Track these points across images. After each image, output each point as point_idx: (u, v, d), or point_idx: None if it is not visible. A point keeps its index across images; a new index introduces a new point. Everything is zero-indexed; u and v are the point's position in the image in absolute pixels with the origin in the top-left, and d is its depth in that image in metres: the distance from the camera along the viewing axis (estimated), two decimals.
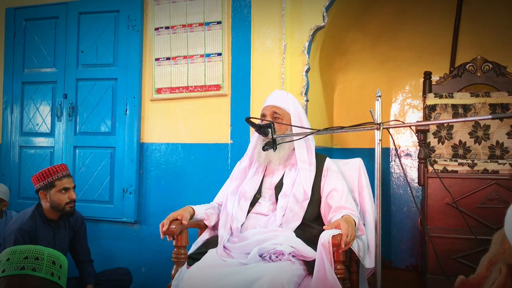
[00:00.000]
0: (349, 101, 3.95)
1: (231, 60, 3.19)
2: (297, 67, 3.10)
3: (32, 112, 3.72)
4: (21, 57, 3.75)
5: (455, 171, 2.88)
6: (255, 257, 2.07)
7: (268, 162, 2.39)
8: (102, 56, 3.50)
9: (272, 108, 2.38)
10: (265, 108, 2.41)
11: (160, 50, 3.36)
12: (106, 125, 3.48)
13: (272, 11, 3.11)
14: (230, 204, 2.39)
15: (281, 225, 2.23)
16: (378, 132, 2.06)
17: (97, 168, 3.48)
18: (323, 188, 2.36)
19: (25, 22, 3.75)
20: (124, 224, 3.45)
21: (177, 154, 3.37)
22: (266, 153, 2.34)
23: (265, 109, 2.41)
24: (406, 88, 3.88)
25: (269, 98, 2.44)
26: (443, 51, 3.70)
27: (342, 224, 2.00)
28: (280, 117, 2.36)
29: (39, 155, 3.68)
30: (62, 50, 3.61)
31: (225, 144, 3.23)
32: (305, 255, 2.07)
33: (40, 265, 1.29)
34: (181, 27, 3.31)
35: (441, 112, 3.24)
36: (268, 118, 2.36)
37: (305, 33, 3.09)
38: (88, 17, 3.54)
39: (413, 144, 3.83)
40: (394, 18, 3.83)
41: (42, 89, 3.68)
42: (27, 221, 2.74)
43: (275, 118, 2.35)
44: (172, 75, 3.33)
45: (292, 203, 2.27)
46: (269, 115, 2.37)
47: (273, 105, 2.39)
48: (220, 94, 3.23)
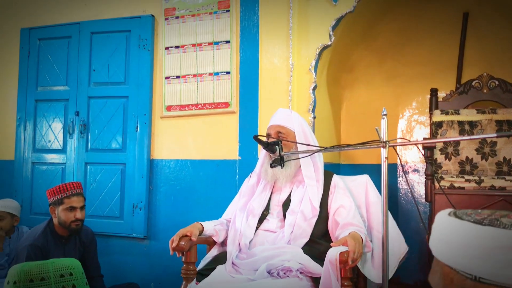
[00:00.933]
0: (356, 117, 3.98)
1: (239, 78, 3.25)
2: (304, 84, 3.15)
3: (44, 129, 3.80)
4: (35, 75, 3.85)
5: (462, 187, 2.90)
6: (263, 273, 2.09)
7: (275, 180, 2.42)
8: (114, 75, 3.58)
9: (277, 127, 2.42)
10: (270, 127, 2.46)
11: (170, 69, 3.44)
12: (117, 141, 3.54)
13: (279, 30, 3.18)
14: (238, 220, 2.42)
15: (289, 242, 2.26)
16: (384, 150, 2.09)
17: (108, 184, 3.54)
18: (331, 204, 2.38)
19: (39, 42, 3.85)
20: (134, 240, 3.49)
21: (186, 170, 3.41)
22: (272, 170, 2.37)
23: (270, 129, 2.45)
24: (413, 104, 3.90)
25: (274, 117, 2.48)
26: (449, 68, 3.73)
27: (349, 241, 2.02)
28: (285, 136, 2.39)
29: (51, 171, 3.75)
30: (75, 68, 3.70)
31: (234, 160, 3.27)
32: (312, 271, 2.09)
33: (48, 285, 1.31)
34: (191, 46, 3.39)
35: (448, 129, 3.27)
36: (273, 137, 2.40)
37: (312, 51, 3.15)
38: (100, 37, 3.63)
39: (420, 160, 3.84)
40: (399, 35, 3.88)
41: (55, 106, 3.76)
42: (39, 237, 2.78)
43: (280, 138, 2.39)
44: (182, 93, 3.40)
45: (300, 220, 2.29)
46: (274, 135, 2.41)
47: (277, 124, 2.43)
48: (228, 111, 3.28)
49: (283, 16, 3.16)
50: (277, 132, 2.41)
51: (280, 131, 2.40)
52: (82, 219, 2.84)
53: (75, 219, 2.80)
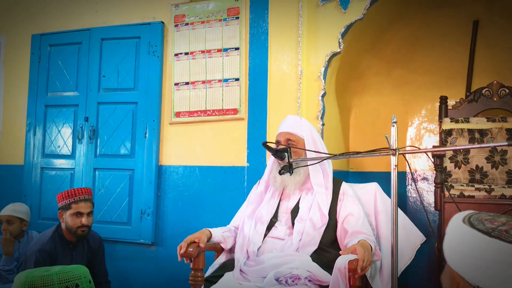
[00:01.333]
0: (365, 125, 3.97)
1: (248, 85, 3.25)
2: (313, 91, 3.15)
3: (54, 134, 3.82)
4: (45, 81, 3.88)
5: (472, 196, 2.87)
6: (271, 281, 2.08)
7: (284, 187, 2.42)
8: (123, 81, 3.60)
9: (286, 135, 2.41)
10: (279, 134, 2.45)
11: (180, 75, 3.45)
12: (126, 147, 3.55)
13: (289, 37, 3.18)
14: (246, 227, 2.41)
15: (298, 250, 2.25)
16: (394, 158, 2.08)
17: (116, 190, 3.55)
18: (339, 212, 2.37)
19: (49, 48, 3.89)
20: (141, 246, 3.49)
21: (194, 177, 3.42)
22: (281, 177, 2.37)
23: (280, 136, 2.44)
24: (422, 112, 3.88)
25: (283, 124, 2.48)
26: (459, 76, 3.71)
27: (358, 249, 2.01)
28: (295, 144, 2.39)
29: (60, 176, 3.77)
30: (85, 74, 3.72)
31: (242, 167, 3.27)
32: (321, 279, 2.08)
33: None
34: (200, 53, 3.40)
35: (457, 137, 3.24)
36: (282, 144, 2.39)
37: (321, 58, 3.15)
38: (110, 43, 3.65)
39: (429, 168, 3.82)
40: (409, 43, 3.87)
41: (64, 112, 3.78)
42: (47, 242, 2.79)
43: (289, 145, 2.39)
44: (191, 99, 3.41)
45: (309, 228, 2.28)
46: (284, 142, 2.40)
47: (287, 131, 2.42)
48: (237, 118, 3.29)
49: (293, 23, 3.17)
50: (286, 140, 2.40)
51: (290, 139, 2.40)
52: (88, 225, 2.84)
53: (81, 224, 2.80)
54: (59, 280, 1.34)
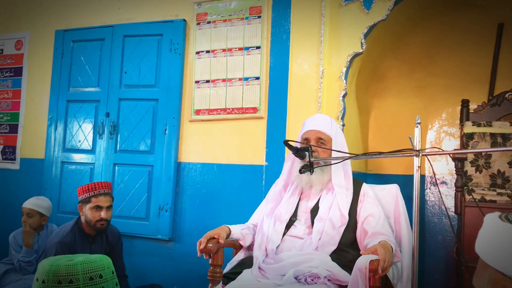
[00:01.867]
0: (384, 127, 3.94)
1: (268, 84, 3.25)
2: (334, 92, 3.14)
3: (75, 129, 3.86)
4: (67, 76, 3.93)
5: (494, 200, 2.84)
6: (290, 279, 2.08)
7: (309, 186, 2.40)
8: (145, 78, 3.62)
9: (318, 133, 2.40)
10: (309, 132, 2.42)
11: (200, 73, 3.47)
12: (146, 144, 3.58)
13: (310, 37, 3.18)
14: (265, 226, 2.41)
15: (317, 249, 2.23)
16: (417, 159, 2.07)
17: (135, 186, 3.58)
18: (360, 213, 2.36)
19: (72, 44, 3.94)
20: (158, 242, 3.51)
21: (213, 174, 3.43)
22: (308, 176, 2.35)
23: (309, 133, 2.42)
24: (443, 115, 3.85)
25: (312, 122, 2.46)
26: (481, 79, 3.67)
27: (379, 250, 2.00)
28: (325, 143, 2.38)
29: (80, 171, 3.81)
30: (106, 70, 3.76)
31: (260, 166, 3.27)
32: (340, 279, 2.07)
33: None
34: (221, 51, 3.41)
35: (479, 141, 3.21)
36: (312, 142, 2.38)
37: (343, 59, 3.14)
38: (133, 40, 3.68)
39: (448, 172, 3.77)
40: (431, 45, 3.84)
41: (86, 107, 3.83)
42: (67, 235, 2.82)
43: (319, 144, 2.38)
44: (211, 97, 3.42)
45: (328, 228, 2.27)
46: (314, 140, 2.38)
47: (318, 130, 2.40)
48: (256, 116, 3.29)
49: (315, 23, 3.17)
50: (317, 138, 2.39)
51: (321, 137, 2.39)
52: (107, 219, 2.87)
53: (99, 218, 2.83)
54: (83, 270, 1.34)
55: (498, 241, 0.80)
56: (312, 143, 2.37)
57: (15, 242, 3.31)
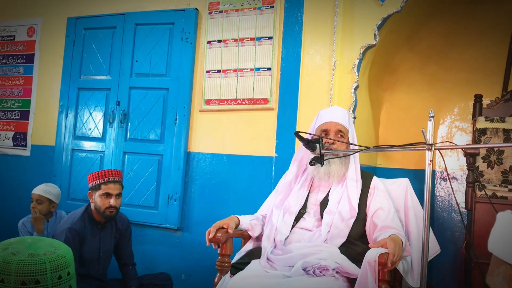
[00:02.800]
0: (396, 121, 3.91)
1: (280, 75, 3.24)
2: (346, 84, 3.12)
3: (85, 117, 3.87)
4: (79, 64, 3.93)
5: (505, 197, 2.81)
6: (299, 270, 2.07)
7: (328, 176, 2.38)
8: (155, 66, 3.62)
9: (338, 125, 2.39)
10: (328, 123, 2.40)
11: (211, 63, 3.45)
12: (156, 133, 3.58)
13: (323, 28, 3.15)
14: (274, 217, 2.41)
15: (326, 241, 2.23)
16: (430, 153, 2.04)
17: (145, 174, 3.59)
18: (369, 206, 2.34)
19: (84, 31, 3.93)
20: (167, 230, 3.53)
21: (222, 165, 3.42)
22: (326, 167, 2.33)
23: (329, 125, 2.40)
24: (455, 110, 3.81)
25: (331, 114, 2.44)
26: (495, 74, 3.62)
27: (389, 244, 1.99)
28: (344, 136, 2.39)
29: (90, 158, 3.82)
30: (118, 59, 3.76)
31: (270, 157, 3.26)
32: (349, 272, 2.06)
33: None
34: (233, 41, 3.40)
35: (492, 136, 3.18)
36: (331, 134, 2.37)
37: (356, 50, 3.11)
38: (144, 28, 3.67)
39: (459, 168, 3.74)
40: (445, 39, 3.79)
41: (97, 95, 3.83)
42: (77, 221, 2.83)
43: (339, 136, 2.37)
44: (222, 87, 3.41)
45: (338, 220, 2.26)
46: (334, 132, 2.37)
47: (338, 122, 2.40)
48: (267, 107, 3.27)
49: (328, 14, 3.13)
50: (337, 130, 2.38)
51: (341, 130, 2.38)
52: (116, 206, 2.88)
53: (109, 205, 2.84)
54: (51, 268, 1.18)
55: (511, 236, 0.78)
56: (331, 135, 2.36)
57: (24, 229, 3.33)
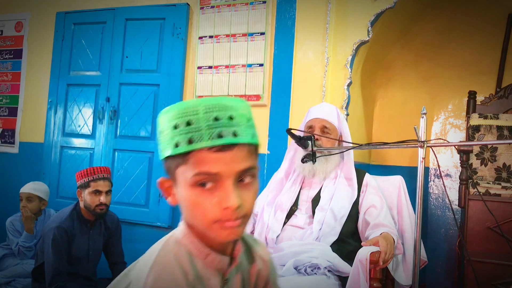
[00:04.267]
0: (389, 117, 3.89)
1: (272, 71, 3.19)
2: (338, 80, 3.08)
3: (75, 114, 3.81)
4: (68, 60, 3.86)
5: (498, 194, 2.79)
6: (290, 269, 2.05)
7: (312, 174, 2.36)
8: (146, 62, 3.56)
9: (322, 121, 2.36)
10: (314, 120, 2.38)
11: (203, 59, 3.40)
12: (146, 129, 3.53)
13: (316, 24, 3.11)
14: (266, 215, 2.38)
15: (318, 239, 2.20)
16: (422, 150, 2.02)
17: (135, 172, 3.53)
18: (362, 203, 2.32)
19: (73, 26, 3.87)
20: (158, 229, 3.48)
21: None
22: (312, 165, 2.31)
23: (314, 121, 2.38)
24: (449, 107, 3.79)
25: (318, 110, 2.42)
26: (489, 71, 3.60)
27: (381, 242, 1.96)
28: (329, 132, 2.35)
29: (79, 155, 3.77)
30: (108, 54, 3.70)
31: (262, 154, 3.22)
32: (341, 270, 2.04)
33: None
34: (225, 37, 3.35)
35: (485, 133, 3.15)
36: (316, 130, 2.34)
37: (349, 47, 3.07)
38: (135, 24, 3.62)
39: (453, 165, 3.72)
40: (439, 35, 3.76)
41: (86, 91, 3.77)
42: (65, 220, 2.78)
43: (324, 132, 2.34)
44: (213, 83, 3.36)
45: (330, 218, 2.24)
46: (318, 128, 2.34)
47: (323, 118, 2.37)
48: (259, 104, 3.23)
49: (321, 10, 3.09)
50: (322, 126, 2.35)
51: (326, 126, 2.35)
52: (106, 203, 2.83)
53: (99, 203, 2.79)
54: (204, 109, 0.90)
55: None
56: (316, 131, 2.32)
57: (12, 227, 3.28)
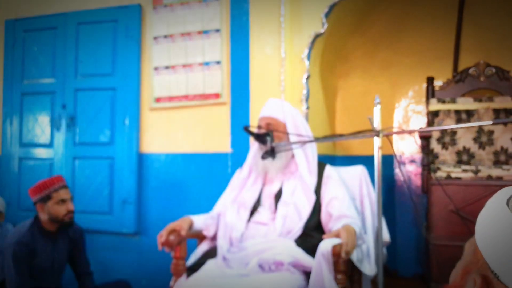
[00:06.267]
0: (351, 108, 3.90)
1: (230, 68, 3.16)
2: (297, 74, 3.07)
3: (31, 123, 3.70)
4: (20, 68, 3.74)
5: (459, 177, 2.83)
6: (254, 267, 2.04)
7: (263, 172, 2.36)
8: (101, 66, 3.47)
9: (267, 119, 2.36)
10: (260, 119, 2.40)
11: (159, 59, 3.34)
12: (105, 135, 3.45)
13: (271, 18, 3.08)
14: (229, 214, 2.37)
15: (281, 235, 2.19)
16: (378, 139, 2.03)
17: (97, 179, 3.45)
18: (323, 196, 2.32)
19: (24, 33, 3.74)
20: (124, 236, 3.41)
21: (177, 164, 3.33)
22: (263, 162, 2.32)
23: (260, 120, 2.39)
24: (409, 93, 3.83)
25: (264, 108, 2.42)
26: (446, 56, 3.65)
27: (342, 233, 1.97)
28: (275, 128, 2.33)
29: (39, 166, 3.66)
30: (61, 60, 3.59)
31: (225, 153, 3.19)
32: (305, 264, 2.03)
33: None
34: (180, 36, 3.29)
35: (444, 118, 3.19)
36: (263, 129, 2.33)
37: (305, 40, 3.06)
38: (87, 27, 3.52)
39: (418, 151, 3.77)
40: (394, 24, 3.79)
41: (41, 100, 3.66)
42: (25, 234, 2.70)
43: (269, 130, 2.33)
44: (171, 84, 3.30)
45: (292, 212, 2.24)
46: (264, 126, 2.35)
47: (267, 116, 2.37)
48: (219, 102, 3.19)
49: (275, 3, 3.07)
50: (267, 124, 2.34)
51: (270, 123, 2.34)
52: (73, 210, 2.78)
53: (67, 211, 2.73)
54: None
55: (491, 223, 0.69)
56: (263, 130, 2.32)
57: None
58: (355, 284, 2.34)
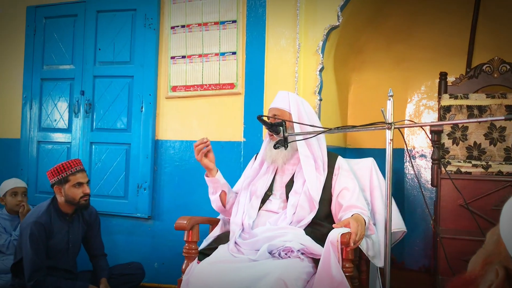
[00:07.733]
0: (363, 101, 3.93)
1: (245, 59, 3.21)
2: (311, 66, 3.11)
3: (50, 108, 3.79)
4: (41, 54, 3.83)
5: (469, 172, 2.85)
6: (264, 253, 2.09)
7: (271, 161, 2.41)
8: (119, 54, 3.55)
9: (273, 110, 2.42)
10: (269, 110, 2.47)
11: (176, 49, 3.40)
12: (122, 121, 3.53)
13: (286, 10, 3.12)
14: (242, 200, 2.42)
15: (292, 223, 2.25)
16: (389, 132, 2.06)
17: (113, 164, 3.54)
18: (334, 186, 2.36)
19: (45, 20, 3.83)
20: (138, 220, 3.50)
21: (191, 152, 3.39)
22: (271, 152, 2.36)
23: (269, 112, 2.46)
24: (422, 88, 3.84)
25: (273, 101, 2.48)
26: (460, 52, 3.66)
27: (351, 223, 2.01)
28: (281, 119, 2.38)
29: (56, 150, 3.76)
30: (80, 47, 3.67)
31: (238, 142, 3.25)
32: (314, 252, 2.08)
33: None
34: (197, 26, 3.35)
35: (456, 113, 3.21)
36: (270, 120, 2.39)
37: (320, 32, 3.09)
38: (106, 15, 3.59)
39: (428, 145, 3.79)
40: (409, 18, 3.80)
41: (60, 85, 3.75)
42: (42, 215, 2.79)
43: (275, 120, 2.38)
44: (187, 73, 3.37)
45: (303, 201, 2.28)
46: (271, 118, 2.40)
47: (274, 107, 2.43)
48: (234, 92, 3.25)
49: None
50: (273, 115, 2.40)
51: (276, 114, 2.39)
52: (90, 193, 2.87)
53: (83, 194, 2.83)
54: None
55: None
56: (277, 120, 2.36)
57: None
58: (363, 273, 2.40)
